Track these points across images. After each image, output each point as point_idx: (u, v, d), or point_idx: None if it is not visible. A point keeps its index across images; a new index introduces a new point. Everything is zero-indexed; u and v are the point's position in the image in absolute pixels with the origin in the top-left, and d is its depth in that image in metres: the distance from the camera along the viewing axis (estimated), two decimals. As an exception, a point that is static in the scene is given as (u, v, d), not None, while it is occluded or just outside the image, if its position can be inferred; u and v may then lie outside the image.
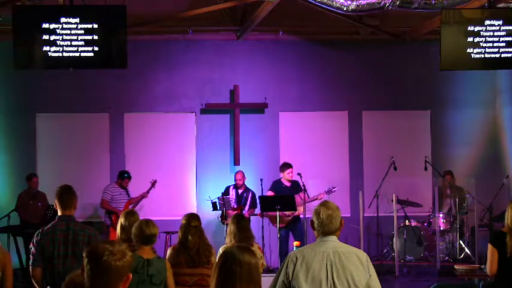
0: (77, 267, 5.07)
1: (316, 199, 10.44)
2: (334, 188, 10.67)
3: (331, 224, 3.99)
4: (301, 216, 10.53)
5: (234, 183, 11.16)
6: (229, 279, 3.06)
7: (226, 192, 11.08)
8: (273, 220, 10.56)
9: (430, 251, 11.08)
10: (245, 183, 11.14)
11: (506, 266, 5.20)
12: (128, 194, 11.18)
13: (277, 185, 10.78)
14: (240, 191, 11.06)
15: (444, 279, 9.56)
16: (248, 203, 10.95)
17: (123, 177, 11.12)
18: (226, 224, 10.87)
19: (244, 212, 10.79)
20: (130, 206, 10.90)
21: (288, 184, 10.69)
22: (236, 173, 11.25)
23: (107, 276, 2.70)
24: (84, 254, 2.75)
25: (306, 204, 10.34)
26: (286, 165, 10.79)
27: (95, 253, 2.72)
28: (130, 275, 2.78)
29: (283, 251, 10.03)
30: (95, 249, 2.73)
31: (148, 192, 11.20)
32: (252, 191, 11.11)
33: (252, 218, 10.91)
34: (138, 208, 10.89)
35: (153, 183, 11.24)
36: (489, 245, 5.30)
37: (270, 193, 10.71)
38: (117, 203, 10.94)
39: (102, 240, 2.71)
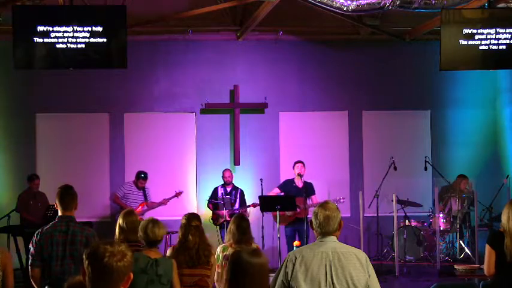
0: (74, 268, 5.10)
1: None
2: (343, 198, 10.62)
3: (328, 226, 4.02)
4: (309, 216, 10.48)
5: (222, 182, 11.18)
6: (242, 285, 3.08)
7: (214, 193, 11.11)
8: (280, 219, 10.38)
9: (430, 251, 11.07)
10: (233, 182, 11.15)
11: (504, 267, 5.18)
12: (145, 195, 11.14)
13: (287, 184, 10.63)
14: (228, 189, 11.09)
15: (444, 279, 9.56)
16: (238, 200, 10.97)
17: (138, 177, 11.10)
18: (218, 225, 10.92)
19: (234, 208, 10.82)
20: (144, 208, 10.86)
21: (300, 185, 10.45)
22: (224, 170, 11.27)
23: (109, 278, 2.71)
24: (84, 256, 2.75)
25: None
26: (296, 161, 10.69)
27: (95, 255, 2.71)
28: (132, 275, 2.78)
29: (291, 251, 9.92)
30: (95, 251, 2.72)
31: (168, 200, 11.08)
32: (240, 189, 11.11)
33: (252, 218, 10.93)
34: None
35: (178, 194, 11.09)
36: (487, 246, 5.27)
37: (276, 190, 10.62)
38: (128, 201, 10.93)
39: (101, 241, 2.71)
